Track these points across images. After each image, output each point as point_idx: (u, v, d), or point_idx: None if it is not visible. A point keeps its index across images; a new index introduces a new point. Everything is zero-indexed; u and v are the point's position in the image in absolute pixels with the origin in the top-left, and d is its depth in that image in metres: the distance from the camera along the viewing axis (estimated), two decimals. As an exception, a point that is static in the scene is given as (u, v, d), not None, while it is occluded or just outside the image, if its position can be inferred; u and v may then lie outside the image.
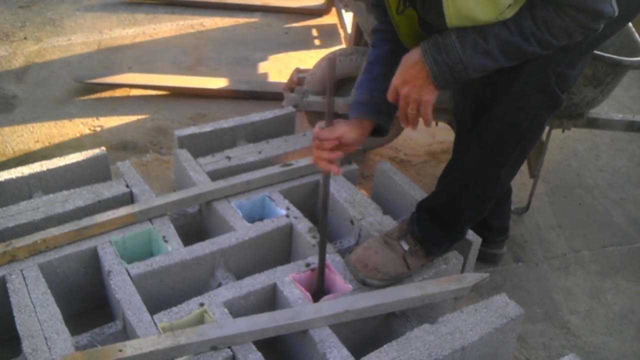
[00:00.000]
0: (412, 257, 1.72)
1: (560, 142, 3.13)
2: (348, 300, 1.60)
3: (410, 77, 1.48)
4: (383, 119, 1.67)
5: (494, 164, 1.64)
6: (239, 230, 1.85)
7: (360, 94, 1.67)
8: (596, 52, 2.12)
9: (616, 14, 1.38)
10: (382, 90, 1.59)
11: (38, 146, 2.72)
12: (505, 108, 1.57)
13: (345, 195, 2.04)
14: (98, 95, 3.16)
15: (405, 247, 1.72)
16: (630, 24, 2.36)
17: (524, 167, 2.77)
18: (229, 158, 2.21)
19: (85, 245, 1.76)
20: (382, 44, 1.70)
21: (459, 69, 1.44)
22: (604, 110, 2.75)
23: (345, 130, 1.58)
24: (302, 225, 1.90)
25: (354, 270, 1.71)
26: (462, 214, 1.73)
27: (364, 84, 1.68)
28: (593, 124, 2.44)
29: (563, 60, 1.52)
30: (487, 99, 1.62)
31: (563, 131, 2.43)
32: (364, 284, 1.69)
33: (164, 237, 1.82)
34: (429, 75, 1.45)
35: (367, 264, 1.69)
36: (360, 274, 1.69)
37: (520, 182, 2.77)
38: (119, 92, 3.18)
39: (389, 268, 1.69)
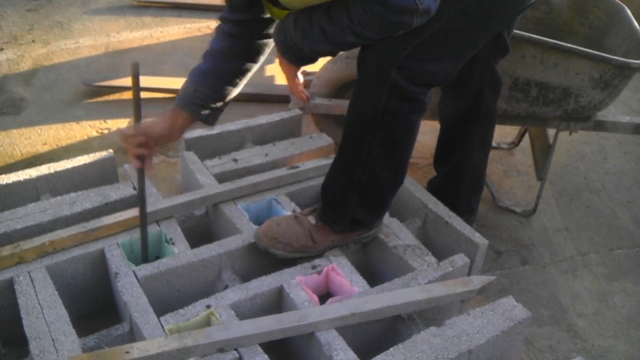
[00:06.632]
0: (318, 232, 1.79)
1: (568, 144, 3.12)
2: (354, 302, 1.59)
3: (278, 52, 1.62)
4: (203, 114, 1.74)
5: (356, 151, 1.68)
6: (246, 233, 1.85)
7: (186, 85, 1.73)
8: (604, 54, 2.12)
9: (432, 9, 1.39)
10: (207, 87, 1.70)
11: (46, 148, 2.73)
12: (355, 98, 1.64)
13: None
14: (105, 97, 3.17)
15: (312, 221, 1.81)
16: (636, 26, 2.35)
17: (531, 170, 2.77)
18: (235, 160, 2.21)
19: (93, 247, 1.76)
20: (224, 38, 1.72)
21: (296, 49, 1.54)
22: (611, 112, 2.74)
23: (149, 126, 1.67)
24: (309, 227, 1.90)
25: (257, 240, 1.79)
26: (343, 195, 1.76)
27: (194, 75, 1.73)
28: (600, 126, 2.43)
29: (401, 52, 1.52)
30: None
31: (570, 134, 2.42)
32: (267, 253, 1.78)
33: (170, 239, 1.83)
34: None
35: (268, 234, 1.77)
36: (262, 243, 1.78)
37: (528, 185, 2.77)
38: (126, 95, 3.19)
39: (290, 239, 1.76)
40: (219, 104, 1.75)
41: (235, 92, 1.77)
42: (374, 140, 1.63)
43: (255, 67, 1.78)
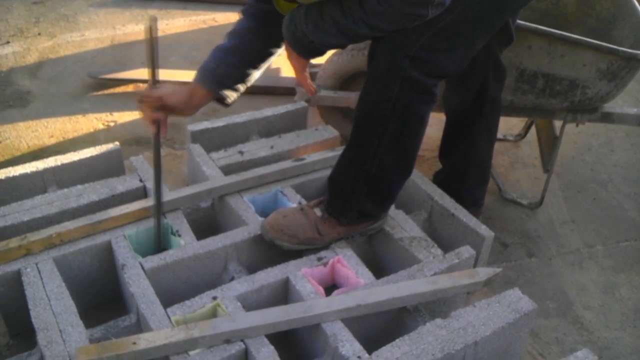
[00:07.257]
0: (325, 224, 1.79)
1: (574, 136, 3.11)
2: (360, 294, 1.60)
3: (285, 43, 1.61)
4: (221, 93, 1.73)
5: (366, 143, 1.67)
6: (252, 225, 1.85)
7: (208, 61, 1.73)
8: (611, 46, 2.11)
9: (447, 0, 1.39)
10: (229, 65, 1.70)
11: (52, 141, 2.74)
12: (366, 90, 1.63)
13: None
14: (111, 90, 3.18)
15: (319, 213, 1.80)
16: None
17: (537, 162, 2.76)
18: (241, 153, 2.21)
19: (100, 239, 1.77)
20: (249, 19, 1.74)
21: (306, 41, 1.53)
22: (618, 104, 2.73)
23: (167, 93, 1.64)
24: (315, 219, 1.90)
25: (263, 232, 1.80)
26: (351, 187, 1.75)
27: (217, 52, 1.73)
28: (607, 118, 2.42)
29: (414, 43, 1.51)
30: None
31: (577, 125, 2.41)
32: (273, 245, 1.78)
33: (177, 231, 1.83)
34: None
35: (274, 226, 1.77)
36: (268, 235, 1.78)
37: (534, 177, 2.76)
38: (132, 88, 3.19)
39: (296, 231, 1.76)
40: (239, 85, 1.75)
41: (255, 75, 1.77)
42: (385, 132, 1.63)
43: (277, 52, 1.78)
